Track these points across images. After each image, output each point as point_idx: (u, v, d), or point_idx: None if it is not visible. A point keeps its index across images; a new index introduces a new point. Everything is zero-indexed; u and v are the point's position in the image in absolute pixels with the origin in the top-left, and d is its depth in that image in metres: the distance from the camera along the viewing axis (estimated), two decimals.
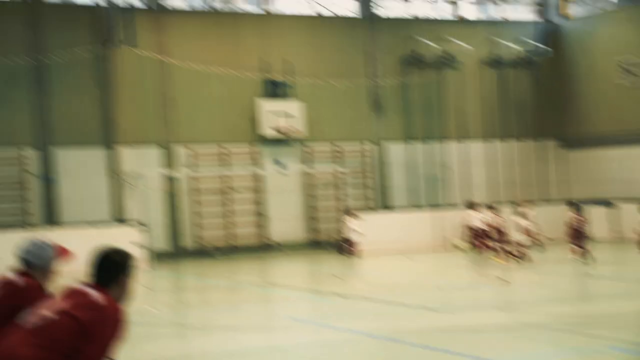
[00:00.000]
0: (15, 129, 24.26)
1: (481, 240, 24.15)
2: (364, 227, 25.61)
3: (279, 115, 26.86)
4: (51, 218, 24.32)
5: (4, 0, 24.70)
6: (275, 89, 27.45)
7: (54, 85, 24.75)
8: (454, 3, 30.70)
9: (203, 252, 26.00)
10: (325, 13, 28.90)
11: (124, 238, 21.36)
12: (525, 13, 31.96)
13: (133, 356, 10.24)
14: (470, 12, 31.13)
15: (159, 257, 24.49)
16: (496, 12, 31.43)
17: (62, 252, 5.13)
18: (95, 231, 22.09)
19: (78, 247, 5.98)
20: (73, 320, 4.23)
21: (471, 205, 25.71)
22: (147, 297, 16.94)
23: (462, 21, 30.40)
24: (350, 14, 29.12)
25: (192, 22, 26.63)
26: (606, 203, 27.50)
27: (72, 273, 6.20)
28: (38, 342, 4.19)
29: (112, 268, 4.47)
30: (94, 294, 4.37)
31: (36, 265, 5.00)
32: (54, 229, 22.16)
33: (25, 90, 24.40)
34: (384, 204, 28.33)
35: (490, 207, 24.32)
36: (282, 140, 27.19)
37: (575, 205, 23.02)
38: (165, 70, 26.11)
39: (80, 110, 25.06)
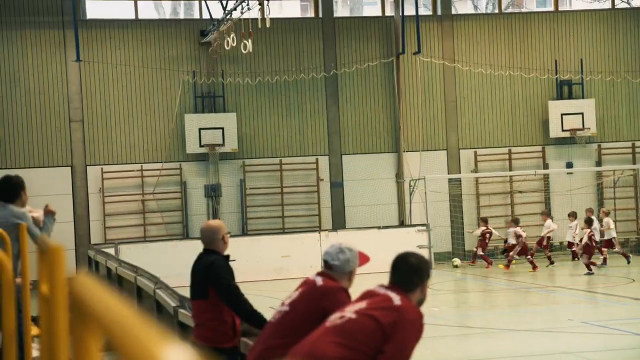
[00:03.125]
0: (310, 138, 25.88)
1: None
2: None
3: (570, 115, 26.13)
4: (339, 221, 25.60)
5: (301, 19, 26.44)
6: (566, 89, 26.77)
7: (345, 96, 26.08)
8: None
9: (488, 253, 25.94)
10: (621, 5, 27.64)
11: (409, 241, 21.99)
12: None
13: (421, 355, 10.61)
14: None
15: (442, 258, 24.82)
16: None
17: (360, 256, 5.35)
18: (381, 234, 22.90)
19: (366, 250, 6.31)
20: (373, 321, 4.34)
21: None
22: (430, 297, 17.32)
23: None
24: None
25: (479, 26, 26.63)
26: None
27: (367, 276, 6.65)
28: (340, 341, 4.31)
29: (413, 272, 4.58)
30: (395, 296, 4.47)
31: (337, 267, 5.22)
32: (342, 232, 23.24)
33: (319, 102, 25.96)
34: None
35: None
36: (572, 141, 26.42)
37: None
38: (451, 76, 26.45)
39: (367, 118, 26.15)
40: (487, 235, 23.68)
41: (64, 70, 24.23)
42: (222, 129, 24.49)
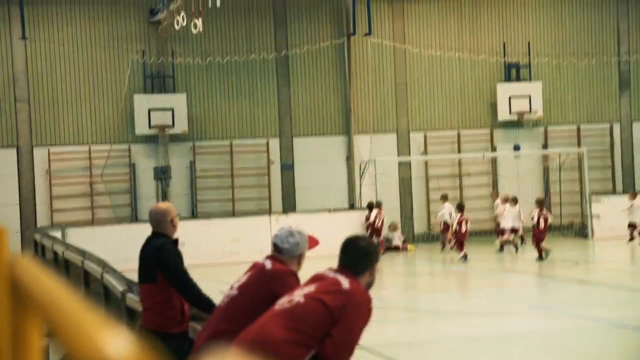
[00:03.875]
0: (261, 119, 25.74)
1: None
2: (606, 211, 24.75)
3: (518, 98, 26.43)
4: (289, 204, 25.55)
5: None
6: (514, 72, 27.05)
7: (296, 77, 25.98)
8: None
9: (435, 237, 26.19)
10: None
11: (359, 224, 22.04)
12: None
13: (369, 340, 10.66)
14: None
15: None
16: None
17: (310, 240, 5.30)
18: (331, 217, 22.91)
19: (316, 233, 6.25)
20: (322, 305, 4.33)
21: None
22: (379, 281, 17.45)
23: None
24: None
25: (430, 8, 26.72)
26: None
27: (317, 259, 6.63)
28: (288, 325, 4.31)
29: (362, 256, 4.56)
30: (343, 280, 4.45)
31: (286, 250, 5.18)
32: (292, 215, 23.20)
33: (270, 83, 25.81)
34: (631, 187, 26.96)
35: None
36: (520, 124, 26.73)
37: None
38: (401, 58, 26.51)
39: (318, 100, 26.10)
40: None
41: (9, 48, 23.70)
42: (172, 109, 24.24)
